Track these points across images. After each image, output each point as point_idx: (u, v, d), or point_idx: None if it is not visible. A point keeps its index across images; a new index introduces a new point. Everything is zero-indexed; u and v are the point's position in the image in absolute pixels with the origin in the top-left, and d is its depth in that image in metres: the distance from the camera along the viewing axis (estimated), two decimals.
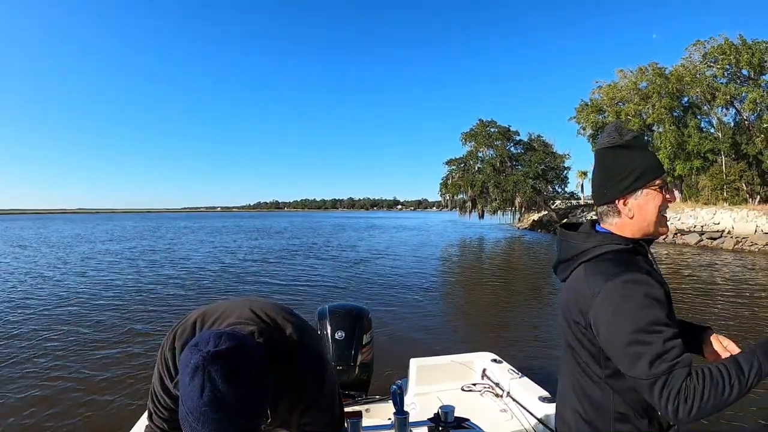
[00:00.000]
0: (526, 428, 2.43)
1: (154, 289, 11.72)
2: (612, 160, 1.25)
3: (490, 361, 3.15)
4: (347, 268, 16.17)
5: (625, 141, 1.24)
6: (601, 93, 40.26)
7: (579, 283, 1.21)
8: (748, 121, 32.93)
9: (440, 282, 13.90)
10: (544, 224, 41.10)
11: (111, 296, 10.69)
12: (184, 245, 26.57)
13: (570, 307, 1.23)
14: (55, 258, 19.30)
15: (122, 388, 5.18)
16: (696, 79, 33.86)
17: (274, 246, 26.02)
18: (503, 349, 5.78)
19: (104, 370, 5.72)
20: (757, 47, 31.58)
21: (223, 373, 0.89)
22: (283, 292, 11.35)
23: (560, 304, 1.33)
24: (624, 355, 1.08)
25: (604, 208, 1.27)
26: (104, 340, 7.12)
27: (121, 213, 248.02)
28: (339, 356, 2.86)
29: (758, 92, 30.91)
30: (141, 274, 14.60)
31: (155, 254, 21.21)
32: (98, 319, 8.41)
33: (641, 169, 1.21)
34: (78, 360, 6.13)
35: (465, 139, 44.21)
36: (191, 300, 10.34)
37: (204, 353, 0.90)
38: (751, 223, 23.08)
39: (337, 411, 1.34)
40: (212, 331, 0.98)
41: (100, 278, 13.60)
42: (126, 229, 46.64)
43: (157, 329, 7.68)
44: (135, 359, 6.14)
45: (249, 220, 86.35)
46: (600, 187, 1.28)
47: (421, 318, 8.72)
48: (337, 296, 10.76)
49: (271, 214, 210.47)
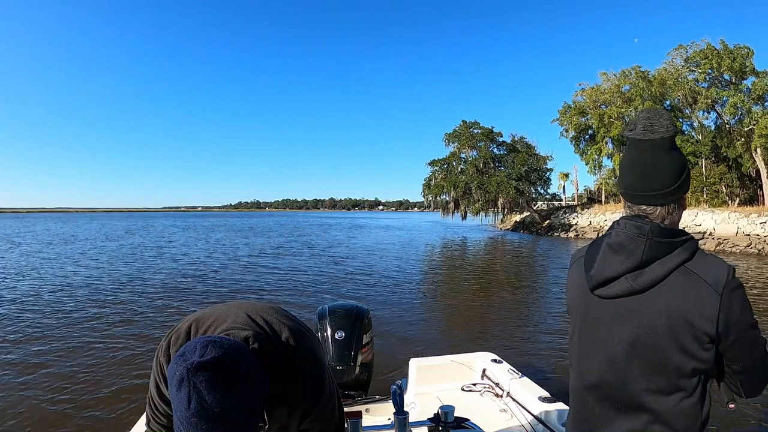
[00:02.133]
0: (526, 428, 2.39)
1: (157, 289, 11.50)
2: (674, 151, 1.15)
3: (490, 361, 3.12)
4: (344, 267, 16.19)
5: (675, 132, 1.15)
6: (584, 95, 40.54)
7: (691, 286, 1.09)
8: (728, 125, 33.19)
9: (437, 281, 13.88)
10: (527, 225, 41.29)
11: (111, 295, 10.54)
12: (184, 245, 26.70)
13: (685, 315, 1.08)
14: (90, 258, 18.93)
15: (122, 389, 5.07)
16: (678, 83, 34.14)
17: (271, 243, 26.82)
18: (503, 349, 5.87)
19: (104, 370, 5.62)
20: (739, 52, 31.95)
21: (208, 384, 0.87)
22: (282, 292, 11.24)
23: (627, 322, 1.15)
24: (748, 340, 1.10)
25: (671, 206, 1.17)
26: (104, 340, 6.94)
27: (101, 212, 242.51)
28: (339, 356, 2.86)
29: (739, 97, 31.27)
30: (145, 270, 14.61)
31: (163, 252, 21.43)
32: (101, 319, 8.25)
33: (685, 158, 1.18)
34: (76, 360, 6.00)
35: (448, 139, 44.15)
36: (191, 300, 10.19)
37: (188, 364, 0.88)
38: (733, 224, 23.26)
39: (337, 414, 1.31)
40: (200, 339, 0.94)
41: (112, 273, 13.61)
42: (116, 228, 46.99)
43: (156, 330, 7.52)
44: (134, 360, 6.02)
45: (234, 219, 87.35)
46: (669, 183, 1.14)
47: (421, 318, 8.72)
48: (336, 296, 10.71)
49: (253, 213, 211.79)
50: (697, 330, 1.06)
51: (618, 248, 1.15)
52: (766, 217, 22.65)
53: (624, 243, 1.14)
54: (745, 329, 1.08)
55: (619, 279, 1.14)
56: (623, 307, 1.15)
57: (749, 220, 23.07)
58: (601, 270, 1.17)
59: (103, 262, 17.04)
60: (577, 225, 34.84)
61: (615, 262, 1.15)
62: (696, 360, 1.08)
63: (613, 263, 1.15)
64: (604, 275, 1.16)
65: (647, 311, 1.11)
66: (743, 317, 1.07)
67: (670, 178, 1.13)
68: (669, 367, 1.10)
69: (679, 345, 1.08)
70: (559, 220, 37.94)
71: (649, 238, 1.11)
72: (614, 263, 1.15)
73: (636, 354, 1.13)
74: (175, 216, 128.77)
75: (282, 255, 20.08)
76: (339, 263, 17.01)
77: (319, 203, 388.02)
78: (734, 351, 1.10)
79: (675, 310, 1.08)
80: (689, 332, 1.07)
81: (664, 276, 1.10)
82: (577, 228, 34.25)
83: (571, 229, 34.70)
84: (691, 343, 1.07)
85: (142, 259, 18.37)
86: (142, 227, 50.23)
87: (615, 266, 1.14)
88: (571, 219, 36.75)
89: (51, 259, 18.16)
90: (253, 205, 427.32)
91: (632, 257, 1.12)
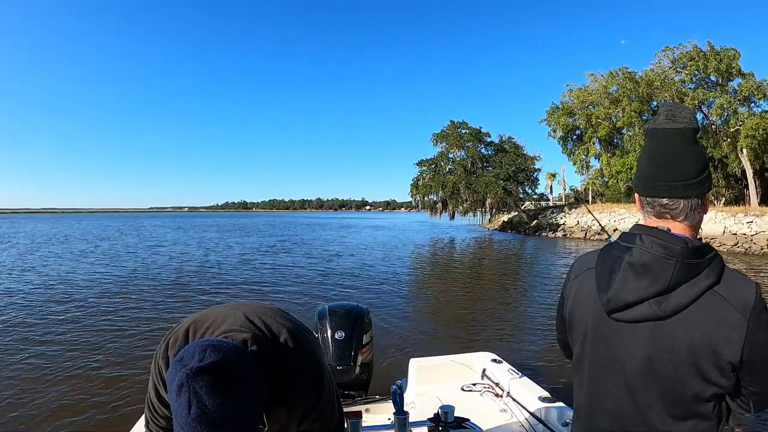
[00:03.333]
0: (526, 428, 2.38)
1: (156, 288, 11.37)
2: (697, 144, 1.08)
3: (490, 361, 3.11)
4: (340, 266, 16.13)
5: (697, 125, 1.09)
6: (572, 96, 40.62)
7: (718, 312, 0.99)
8: (715, 126, 33.35)
9: (435, 281, 13.72)
10: (514, 225, 41.21)
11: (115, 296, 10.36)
12: (177, 244, 26.24)
13: (711, 343, 1.00)
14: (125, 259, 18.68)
15: (119, 390, 5.01)
16: (665, 84, 34.29)
17: (266, 242, 27.12)
18: (503, 349, 5.84)
19: (101, 371, 5.57)
20: (725, 54, 32.21)
21: (209, 388, 0.86)
22: (281, 292, 11.11)
23: (647, 350, 1.06)
24: None
25: (688, 202, 1.06)
26: (104, 339, 6.90)
27: (87, 213, 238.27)
28: (339, 356, 2.85)
29: (726, 98, 31.50)
30: (145, 270, 14.53)
31: (158, 251, 21.35)
32: (106, 319, 8.18)
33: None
34: (73, 359, 5.93)
35: (436, 140, 43.77)
36: (190, 298, 10.19)
37: (188, 369, 0.87)
38: (720, 224, 23.37)
39: (337, 415, 1.30)
40: (198, 344, 0.94)
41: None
42: (107, 228, 46.18)
43: (154, 330, 7.43)
44: (133, 361, 5.96)
45: (223, 220, 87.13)
46: (693, 174, 1.05)
47: (421, 317, 8.68)
48: (335, 295, 10.68)
49: (241, 214, 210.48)
50: (720, 360, 0.99)
51: (642, 270, 1.03)
52: (752, 217, 22.76)
53: (649, 265, 1.02)
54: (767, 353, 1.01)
55: (641, 303, 1.04)
56: (641, 332, 1.06)
57: (736, 219, 23.17)
58: (622, 293, 1.05)
59: (97, 262, 16.78)
60: (565, 225, 34.72)
61: (639, 286, 1.03)
62: (716, 386, 1.02)
63: (637, 288, 1.03)
64: (625, 300, 1.05)
65: (669, 337, 1.03)
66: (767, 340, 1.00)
67: (694, 170, 1.05)
68: (687, 395, 1.03)
69: (700, 374, 1.01)
70: (547, 220, 37.83)
71: (679, 261, 1.00)
72: (638, 287, 1.03)
73: (653, 380, 1.05)
74: (162, 216, 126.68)
75: (278, 253, 20.24)
76: (334, 261, 17.01)
77: (306, 203, 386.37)
78: (756, 375, 1.02)
79: (699, 338, 1.00)
80: (712, 361, 1.00)
81: (691, 302, 1.00)
82: (565, 228, 34.12)
83: (559, 228, 34.58)
84: (712, 371, 1.00)
85: (140, 258, 18.24)
86: (132, 227, 49.50)
87: (638, 291, 1.03)
88: (559, 219, 36.63)
89: (52, 257, 18.10)
90: (240, 206, 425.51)
91: (659, 282, 1.01)
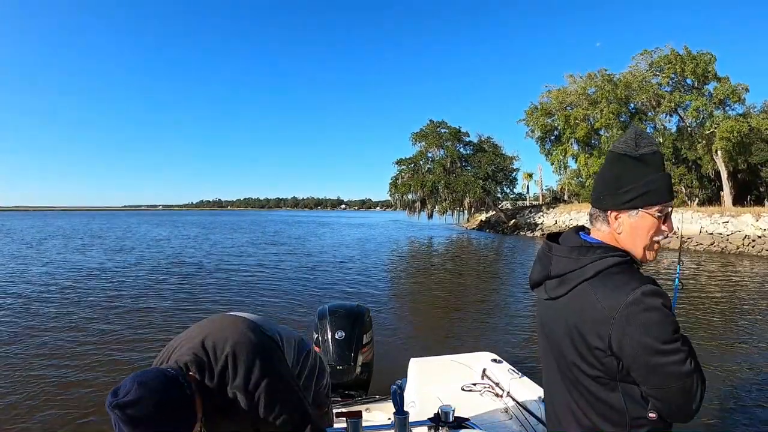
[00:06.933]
0: (526, 428, 2.38)
1: (155, 287, 11.19)
2: (620, 169, 1.15)
3: (490, 360, 3.10)
4: (336, 265, 16.01)
5: (639, 154, 1.13)
6: (551, 97, 40.58)
7: (587, 305, 1.10)
8: (690, 128, 33.66)
9: (432, 280, 13.57)
10: (492, 224, 41.05)
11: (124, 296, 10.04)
12: (181, 244, 25.86)
13: (579, 329, 1.12)
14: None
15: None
16: (643, 87, 34.51)
17: (260, 240, 27.71)
18: (503, 349, 5.91)
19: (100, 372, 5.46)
20: (701, 58, 32.48)
21: (124, 419, 1.09)
22: (281, 290, 10.98)
23: (548, 323, 1.25)
24: (655, 367, 1.04)
25: (596, 211, 1.21)
26: (104, 340, 6.78)
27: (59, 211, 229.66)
28: (339, 356, 2.86)
29: (701, 101, 31.76)
30: (143, 269, 14.15)
31: (150, 250, 20.97)
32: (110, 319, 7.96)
33: (646, 189, 1.12)
34: (71, 359, 5.85)
35: (415, 139, 43.38)
36: (193, 299, 9.97)
37: (111, 400, 1.10)
38: (696, 224, 23.51)
39: (297, 418, 1.40)
40: (133, 378, 1.15)
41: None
42: (93, 228, 44.21)
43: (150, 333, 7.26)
44: (132, 361, 5.85)
45: (202, 217, 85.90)
46: (600, 191, 1.19)
47: (420, 317, 8.73)
48: (334, 295, 10.62)
49: (217, 212, 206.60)
50: (588, 342, 1.09)
51: (538, 259, 1.27)
52: (728, 217, 22.85)
53: (540, 256, 1.26)
54: (643, 353, 1.04)
55: (540, 285, 1.25)
56: (542, 307, 1.28)
57: (712, 219, 23.23)
58: (531, 274, 1.28)
59: (79, 259, 16.38)
60: (543, 224, 34.59)
61: (535, 270, 1.26)
62: (588, 364, 1.11)
63: (534, 272, 1.27)
64: (532, 279, 1.28)
65: (556, 313, 1.20)
66: (642, 340, 1.03)
67: (607, 187, 1.18)
68: (569, 361, 1.16)
69: (573, 345, 1.14)
70: (525, 220, 37.69)
71: (555, 256, 1.19)
72: (535, 272, 1.27)
73: (552, 351, 1.25)
74: (139, 215, 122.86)
75: (269, 251, 20.38)
76: (334, 261, 16.87)
77: (282, 202, 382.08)
78: (640, 375, 1.06)
79: (573, 321, 1.13)
80: (581, 341, 1.11)
81: (569, 290, 1.14)
82: (543, 227, 33.93)
83: (537, 228, 34.41)
84: (582, 347, 1.11)
85: (138, 256, 17.95)
86: (112, 226, 47.80)
87: (534, 275, 1.27)
88: (537, 218, 36.49)
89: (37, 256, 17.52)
90: (215, 204, 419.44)
91: (545, 269, 1.22)
